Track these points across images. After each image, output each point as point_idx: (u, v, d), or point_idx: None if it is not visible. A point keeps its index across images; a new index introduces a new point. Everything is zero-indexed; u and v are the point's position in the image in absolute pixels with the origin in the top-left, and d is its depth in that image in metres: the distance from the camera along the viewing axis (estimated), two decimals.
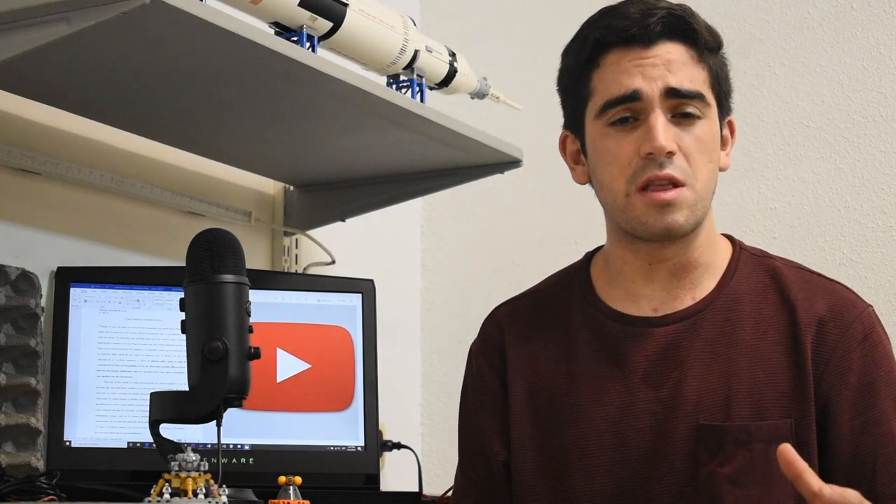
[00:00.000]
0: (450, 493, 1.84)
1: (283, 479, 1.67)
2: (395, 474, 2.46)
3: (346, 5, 1.78)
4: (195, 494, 1.32)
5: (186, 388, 1.37)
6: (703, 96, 1.48)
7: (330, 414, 2.05)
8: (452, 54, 2.06)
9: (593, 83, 1.50)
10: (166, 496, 1.32)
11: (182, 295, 1.38)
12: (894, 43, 2.49)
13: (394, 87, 1.97)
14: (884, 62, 2.49)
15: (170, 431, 1.37)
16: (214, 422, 1.37)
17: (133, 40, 1.56)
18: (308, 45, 1.73)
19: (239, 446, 1.98)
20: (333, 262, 2.43)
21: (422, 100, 1.98)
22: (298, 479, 1.67)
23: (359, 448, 2.05)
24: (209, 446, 1.82)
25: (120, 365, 1.92)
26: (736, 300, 1.53)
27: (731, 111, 1.56)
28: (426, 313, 2.85)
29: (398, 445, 2.31)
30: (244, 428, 1.98)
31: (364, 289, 2.12)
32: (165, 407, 1.37)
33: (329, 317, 2.08)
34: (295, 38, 1.72)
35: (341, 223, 2.39)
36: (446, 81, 2.05)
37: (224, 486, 1.35)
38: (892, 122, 2.47)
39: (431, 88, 2.05)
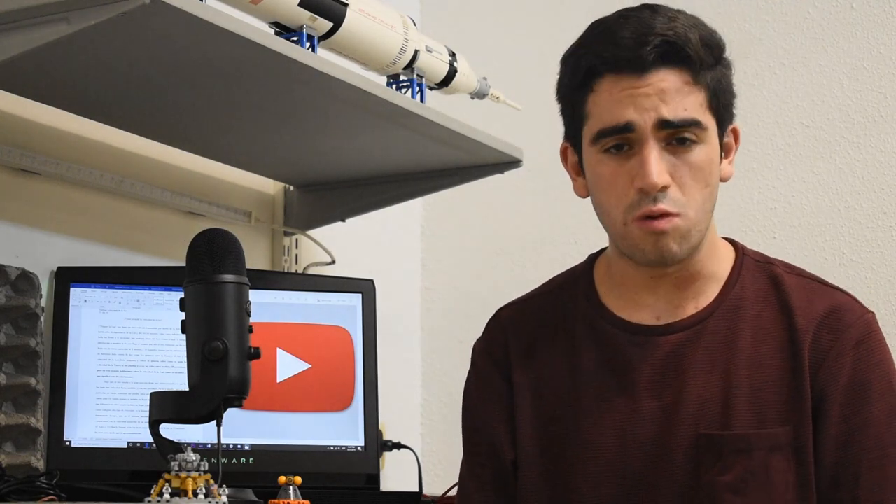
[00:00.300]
0: (450, 493, 1.84)
1: (283, 479, 1.67)
2: (395, 474, 2.46)
3: (346, 5, 1.78)
4: (195, 494, 1.32)
5: (186, 388, 1.37)
6: (698, 122, 1.45)
7: (330, 414, 2.04)
8: (452, 54, 2.06)
9: (588, 107, 1.48)
10: (166, 496, 1.32)
11: (182, 295, 1.38)
12: (894, 43, 2.49)
13: (394, 87, 1.97)
14: (884, 62, 2.49)
15: (170, 431, 1.37)
16: (214, 422, 1.37)
17: (133, 40, 1.56)
18: (308, 45, 1.73)
19: (239, 446, 1.97)
20: (333, 262, 2.43)
21: (422, 100, 1.98)
22: (298, 479, 1.67)
23: (359, 448, 2.05)
24: (209, 446, 1.82)
25: (120, 365, 1.92)
26: (738, 308, 1.52)
27: (733, 119, 1.53)
28: (426, 313, 2.85)
29: (398, 445, 2.31)
30: (244, 428, 1.98)
31: (364, 289, 2.12)
32: (165, 407, 1.37)
33: (329, 317, 2.08)
34: (295, 38, 1.72)
35: (341, 223, 2.39)
36: (446, 81, 2.05)
37: (224, 486, 1.35)
38: (892, 122, 2.47)
39: (431, 88, 2.05)
